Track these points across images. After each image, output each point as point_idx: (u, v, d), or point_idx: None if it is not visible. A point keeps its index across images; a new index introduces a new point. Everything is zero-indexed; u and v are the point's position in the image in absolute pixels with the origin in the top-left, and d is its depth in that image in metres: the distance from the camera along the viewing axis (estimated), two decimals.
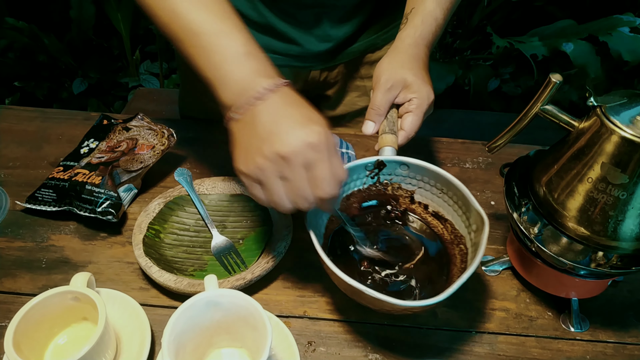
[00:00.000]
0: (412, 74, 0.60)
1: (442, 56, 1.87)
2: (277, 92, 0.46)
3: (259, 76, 0.47)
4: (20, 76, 1.88)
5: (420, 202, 0.62)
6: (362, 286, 0.46)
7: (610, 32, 1.50)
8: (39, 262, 0.61)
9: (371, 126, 0.61)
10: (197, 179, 0.69)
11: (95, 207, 0.63)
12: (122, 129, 0.74)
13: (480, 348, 0.55)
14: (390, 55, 0.62)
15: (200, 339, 0.48)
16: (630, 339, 0.56)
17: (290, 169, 0.44)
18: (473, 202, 0.54)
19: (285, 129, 0.44)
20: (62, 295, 0.49)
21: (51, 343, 0.51)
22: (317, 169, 0.44)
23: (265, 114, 0.46)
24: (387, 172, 0.60)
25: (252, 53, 0.49)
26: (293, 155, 0.43)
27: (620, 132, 0.45)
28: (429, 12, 0.63)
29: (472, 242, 0.54)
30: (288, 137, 0.44)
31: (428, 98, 0.60)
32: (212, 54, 0.49)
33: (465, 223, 0.56)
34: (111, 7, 1.81)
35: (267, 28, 0.73)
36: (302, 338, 0.55)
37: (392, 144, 0.59)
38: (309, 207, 0.46)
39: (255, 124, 0.46)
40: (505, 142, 0.56)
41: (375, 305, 0.49)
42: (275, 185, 0.45)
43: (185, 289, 0.55)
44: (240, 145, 0.47)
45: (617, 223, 0.48)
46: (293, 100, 0.47)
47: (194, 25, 0.50)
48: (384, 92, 0.60)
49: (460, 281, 0.47)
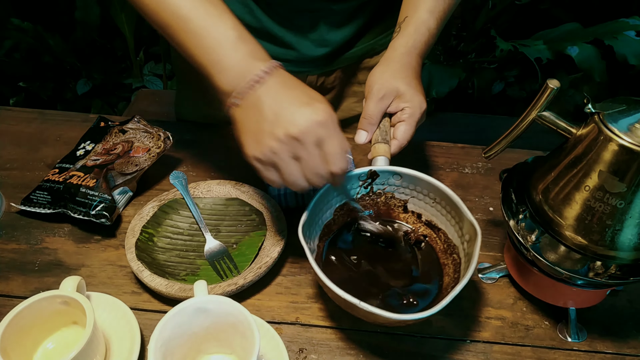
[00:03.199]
0: (405, 83, 0.60)
1: (446, 59, 1.86)
2: (274, 74, 0.48)
3: (254, 59, 0.48)
4: (25, 76, 1.89)
5: (414, 212, 0.61)
6: (355, 299, 0.45)
7: (615, 36, 1.48)
8: (32, 264, 0.61)
9: (364, 135, 0.61)
10: (192, 182, 0.69)
11: (89, 209, 0.62)
12: (118, 132, 0.73)
13: (474, 357, 0.54)
14: (382, 64, 0.62)
15: (189, 345, 0.48)
16: (630, 350, 0.55)
17: (303, 148, 0.45)
18: (466, 213, 0.53)
19: (292, 110, 0.45)
20: (51, 299, 0.48)
21: (40, 347, 0.50)
22: (328, 145, 0.46)
23: (268, 96, 0.47)
24: (380, 181, 0.60)
25: (243, 36, 0.50)
26: (304, 135, 0.45)
27: (618, 140, 0.44)
28: (422, 21, 0.63)
29: (466, 252, 0.53)
30: (297, 118, 0.45)
31: (420, 107, 0.60)
32: (203, 39, 0.49)
33: (458, 233, 0.56)
34: (116, 8, 1.82)
35: (263, 32, 0.72)
36: (294, 345, 0.54)
37: (385, 153, 0.59)
38: (324, 183, 0.48)
39: (260, 108, 0.46)
40: (501, 148, 0.55)
41: (369, 318, 0.48)
42: (290, 166, 0.46)
43: (177, 293, 0.54)
44: (248, 130, 0.48)
45: (614, 232, 0.47)
46: (291, 80, 0.49)
47: (183, 10, 0.50)
48: (377, 101, 0.60)
49: (454, 293, 0.46)
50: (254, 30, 0.72)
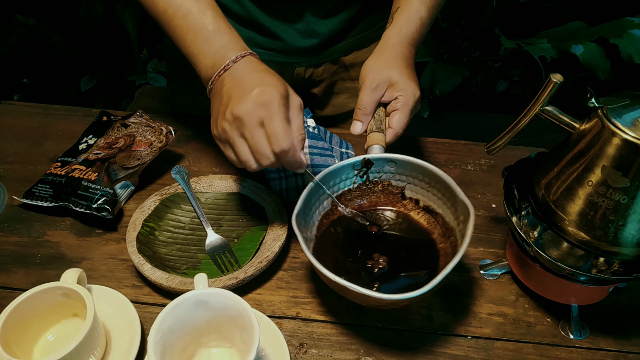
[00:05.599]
0: (397, 72, 0.60)
1: (450, 57, 1.85)
2: (240, 62, 0.53)
3: (227, 50, 0.54)
4: (29, 73, 1.90)
5: (412, 198, 0.62)
6: (347, 282, 0.46)
7: (621, 35, 1.47)
8: (34, 257, 0.61)
9: (359, 126, 0.62)
10: (193, 177, 0.69)
11: (90, 203, 0.62)
12: (120, 126, 0.73)
13: (475, 353, 0.53)
14: (375, 55, 0.63)
15: (190, 338, 0.48)
16: (632, 347, 0.55)
17: (246, 127, 0.49)
18: (459, 193, 0.54)
19: (240, 93, 0.50)
20: (51, 291, 0.48)
21: (40, 339, 0.50)
22: (269, 125, 0.49)
23: (228, 81, 0.52)
24: (376, 169, 0.61)
25: (221, 29, 0.55)
26: (246, 115, 0.48)
27: (622, 135, 0.44)
28: (414, 11, 0.64)
29: (461, 234, 0.53)
30: (243, 100, 0.49)
31: (414, 95, 0.60)
32: (187, 33, 0.56)
33: (454, 215, 0.56)
34: (120, 6, 1.82)
35: (251, 22, 0.73)
36: (294, 339, 0.54)
37: (380, 142, 0.59)
38: (271, 163, 0.50)
39: (221, 93, 0.52)
40: (504, 143, 0.54)
41: (364, 301, 0.49)
42: (239, 145, 0.50)
43: (177, 287, 0.54)
44: (213, 113, 0.54)
45: (617, 228, 0.46)
46: (255, 66, 0.53)
47: (171, 6, 0.56)
48: (370, 91, 0.60)
49: (445, 272, 0.47)
50: (242, 20, 0.74)
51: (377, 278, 0.55)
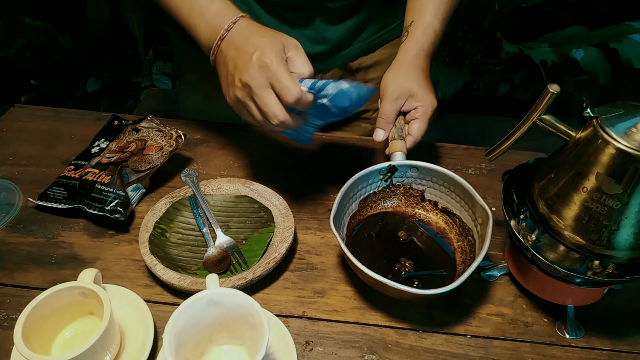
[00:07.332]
0: (417, 84, 0.66)
1: (452, 60, 1.87)
2: (233, 29, 0.57)
3: (221, 19, 0.58)
4: (36, 74, 1.92)
5: (430, 200, 0.67)
6: (387, 280, 0.52)
7: (621, 39, 1.49)
8: (49, 257, 0.64)
9: (381, 133, 0.67)
10: (202, 180, 0.71)
11: (104, 205, 0.65)
12: (131, 130, 0.76)
13: (475, 352, 0.55)
14: (394, 67, 0.67)
15: (201, 336, 0.50)
16: (625, 347, 0.57)
17: (254, 92, 0.54)
18: (477, 199, 0.60)
19: (242, 61, 0.54)
20: (69, 290, 0.51)
21: (58, 336, 0.53)
22: (275, 83, 0.53)
23: (228, 50, 0.57)
24: (399, 175, 0.66)
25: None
26: (252, 80, 0.53)
27: (615, 144, 0.46)
28: (428, 24, 0.69)
29: (480, 234, 0.59)
30: (245, 66, 0.54)
31: (432, 105, 0.66)
32: (182, 7, 0.61)
33: (472, 217, 0.61)
34: (126, 8, 1.84)
35: None
36: (300, 337, 0.56)
37: (402, 149, 0.65)
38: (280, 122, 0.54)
39: (226, 62, 0.57)
40: (503, 150, 0.57)
41: (398, 295, 0.54)
42: (253, 107, 0.55)
43: (188, 286, 0.56)
44: (223, 82, 0.59)
45: (611, 232, 0.49)
46: (247, 31, 0.57)
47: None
48: (392, 102, 0.65)
49: (471, 269, 0.52)
50: None
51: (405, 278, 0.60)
